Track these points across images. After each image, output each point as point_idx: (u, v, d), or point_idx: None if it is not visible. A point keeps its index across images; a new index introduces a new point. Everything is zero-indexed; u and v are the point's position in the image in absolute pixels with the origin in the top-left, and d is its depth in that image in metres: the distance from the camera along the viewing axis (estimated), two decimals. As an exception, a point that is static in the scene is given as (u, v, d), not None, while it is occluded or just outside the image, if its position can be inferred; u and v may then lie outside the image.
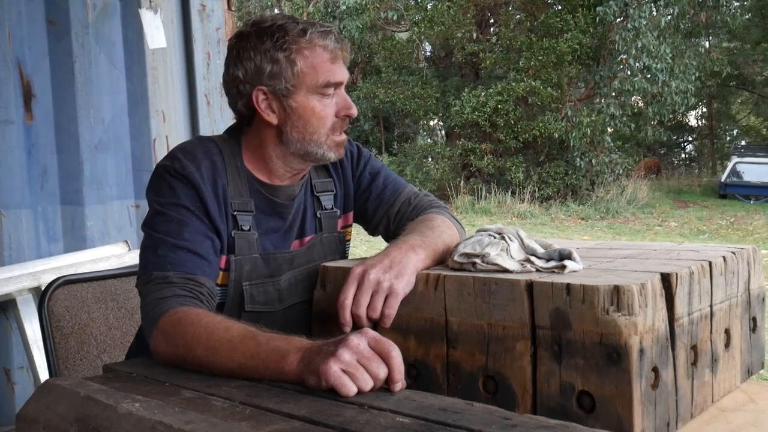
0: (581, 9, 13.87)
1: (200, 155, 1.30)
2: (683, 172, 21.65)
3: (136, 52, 2.92)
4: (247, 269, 1.32)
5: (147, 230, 1.28)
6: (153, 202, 1.29)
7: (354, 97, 16.91)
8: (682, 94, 13.97)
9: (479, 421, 0.80)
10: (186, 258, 1.22)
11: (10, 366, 2.58)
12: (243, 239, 1.32)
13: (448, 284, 1.11)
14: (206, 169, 1.29)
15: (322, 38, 1.30)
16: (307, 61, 1.30)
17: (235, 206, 1.31)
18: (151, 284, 1.21)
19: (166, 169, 1.29)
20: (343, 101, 1.35)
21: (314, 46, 1.30)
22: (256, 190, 1.35)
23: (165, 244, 1.23)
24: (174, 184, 1.27)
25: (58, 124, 2.70)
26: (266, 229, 1.36)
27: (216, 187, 1.29)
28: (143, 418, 0.84)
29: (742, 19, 16.47)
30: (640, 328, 0.95)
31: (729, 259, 1.20)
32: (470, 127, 14.81)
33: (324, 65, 1.30)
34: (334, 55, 1.31)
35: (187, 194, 1.26)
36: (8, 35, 2.53)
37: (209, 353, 1.06)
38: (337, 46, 1.32)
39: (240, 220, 1.32)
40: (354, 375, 0.92)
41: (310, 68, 1.30)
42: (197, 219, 1.26)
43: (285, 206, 1.38)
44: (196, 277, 1.22)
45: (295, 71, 1.29)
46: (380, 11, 15.82)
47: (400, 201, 1.51)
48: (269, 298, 1.35)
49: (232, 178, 1.32)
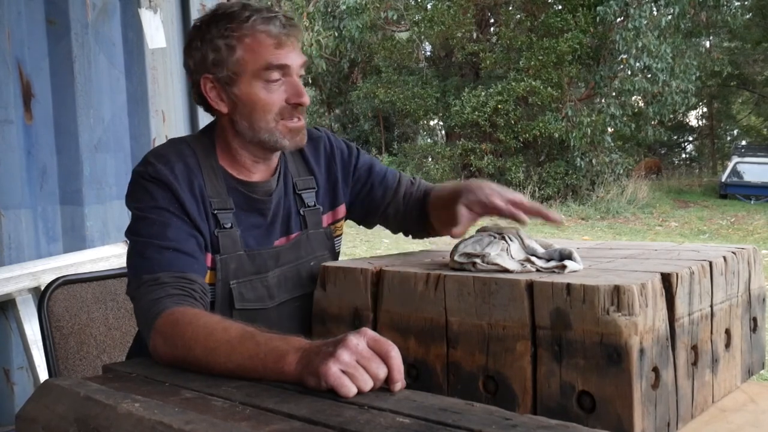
0: (581, 9, 13.87)
1: (173, 158, 1.31)
2: (684, 172, 21.63)
3: (136, 52, 2.92)
4: (233, 267, 1.32)
5: (131, 237, 1.28)
6: (132, 208, 1.30)
7: (354, 97, 16.99)
8: (682, 93, 13.97)
9: (479, 421, 0.80)
10: (173, 257, 1.22)
11: (10, 366, 2.57)
12: (227, 237, 1.32)
13: (448, 284, 1.11)
14: (180, 171, 1.29)
15: (265, 24, 1.29)
16: (248, 47, 1.28)
17: (215, 205, 1.32)
18: (142, 288, 1.21)
19: (141, 174, 1.29)
20: (293, 88, 1.31)
21: (256, 32, 1.28)
22: (233, 187, 1.36)
23: (151, 246, 1.23)
24: (150, 188, 1.27)
25: (58, 124, 2.69)
26: (247, 225, 1.36)
27: (192, 188, 1.29)
28: (143, 418, 0.84)
29: (743, 19, 16.48)
30: (640, 328, 0.94)
31: (729, 259, 1.20)
32: (470, 127, 14.80)
33: (265, 50, 1.28)
34: (278, 40, 1.29)
35: (164, 197, 1.27)
36: (8, 35, 2.53)
37: (208, 354, 1.06)
38: (283, 32, 1.29)
39: (221, 218, 1.32)
40: (353, 375, 0.92)
41: (250, 54, 1.28)
42: (178, 219, 1.26)
43: (263, 202, 1.38)
44: (187, 274, 1.22)
45: (236, 58, 1.29)
46: (380, 11, 15.83)
47: (404, 183, 1.57)
48: (258, 295, 1.35)
49: (208, 177, 1.33)
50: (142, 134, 2.93)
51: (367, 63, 17.48)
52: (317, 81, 17.73)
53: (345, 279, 1.25)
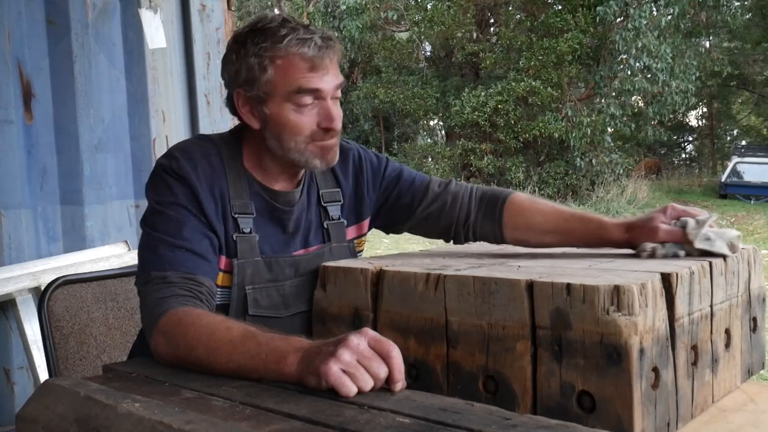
0: (581, 9, 13.88)
1: (198, 155, 1.29)
2: (683, 172, 21.62)
3: (136, 52, 2.92)
4: (249, 272, 1.31)
5: (146, 228, 1.28)
6: (151, 199, 1.29)
7: (354, 97, 16.98)
8: (682, 94, 13.97)
9: (479, 421, 0.80)
10: (185, 257, 1.22)
11: (10, 366, 2.57)
12: (245, 242, 1.31)
13: (448, 284, 1.11)
14: (203, 169, 1.28)
15: (299, 46, 1.25)
16: (279, 69, 1.25)
17: (236, 209, 1.30)
18: (150, 284, 1.20)
19: (164, 167, 1.29)
20: (325, 112, 1.28)
21: (289, 54, 1.25)
22: (256, 192, 1.34)
23: (164, 243, 1.23)
24: (171, 183, 1.27)
25: (58, 124, 2.69)
26: (266, 233, 1.34)
27: (213, 188, 1.28)
28: (143, 418, 0.84)
29: (743, 19, 16.48)
30: (640, 328, 0.94)
31: (729, 259, 1.20)
32: (470, 127, 14.81)
33: (297, 73, 1.25)
34: (312, 63, 1.25)
35: (184, 194, 1.26)
36: (8, 35, 2.53)
37: (210, 353, 1.06)
38: (318, 54, 1.25)
39: (241, 222, 1.31)
40: (354, 375, 0.92)
41: (281, 76, 1.26)
42: (195, 218, 1.26)
43: (285, 212, 1.36)
44: (196, 276, 1.21)
45: (266, 78, 1.26)
46: (380, 11, 15.83)
47: (433, 185, 1.50)
48: (273, 302, 1.33)
49: (232, 180, 1.31)
50: (142, 134, 2.93)
51: (367, 63, 17.49)
52: (317, 81, 17.71)
53: (345, 279, 1.25)
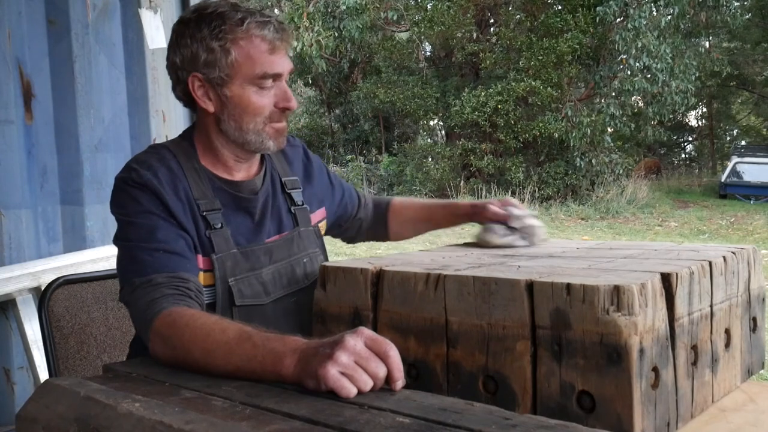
0: (581, 9, 13.87)
1: (156, 163, 1.31)
2: (683, 172, 21.64)
3: (136, 52, 2.92)
4: (229, 265, 1.33)
5: (119, 243, 1.28)
6: (118, 215, 1.30)
7: (354, 97, 17.00)
8: (682, 94, 13.97)
9: (479, 421, 0.80)
10: (165, 258, 1.23)
11: (10, 366, 2.57)
12: (219, 237, 1.33)
13: (448, 284, 1.11)
14: (163, 175, 1.29)
15: (260, 28, 1.28)
16: (243, 51, 1.28)
17: (203, 206, 1.32)
18: (137, 291, 1.20)
19: (124, 180, 1.29)
20: (283, 93, 1.33)
21: (251, 36, 1.28)
22: (218, 187, 1.36)
23: (140, 250, 1.23)
24: (135, 194, 1.27)
25: (58, 124, 2.69)
26: (236, 224, 1.37)
27: (177, 191, 1.30)
28: (143, 418, 0.84)
29: (742, 19, 16.47)
30: (640, 328, 0.94)
31: (729, 259, 1.21)
32: (470, 127, 14.81)
33: (261, 56, 1.29)
34: (272, 45, 1.29)
35: (149, 200, 1.27)
36: (8, 35, 2.53)
37: (206, 356, 1.06)
38: (277, 36, 1.30)
39: (210, 219, 1.32)
40: (353, 377, 0.91)
41: (245, 59, 1.28)
42: (165, 221, 1.27)
43: (250, 200, 1.39)
44: (179, 273, 1.22)
45: (230, 61, 1.28)
46: (380, 11, 15.82)
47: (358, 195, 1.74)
48: (255, 291, 1.36)
49: (192, 180, 1.33)
50: (142, 134, 2.93)
51: (367, 63, 17.49)
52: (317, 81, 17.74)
53: (345, 279, 1.25)
